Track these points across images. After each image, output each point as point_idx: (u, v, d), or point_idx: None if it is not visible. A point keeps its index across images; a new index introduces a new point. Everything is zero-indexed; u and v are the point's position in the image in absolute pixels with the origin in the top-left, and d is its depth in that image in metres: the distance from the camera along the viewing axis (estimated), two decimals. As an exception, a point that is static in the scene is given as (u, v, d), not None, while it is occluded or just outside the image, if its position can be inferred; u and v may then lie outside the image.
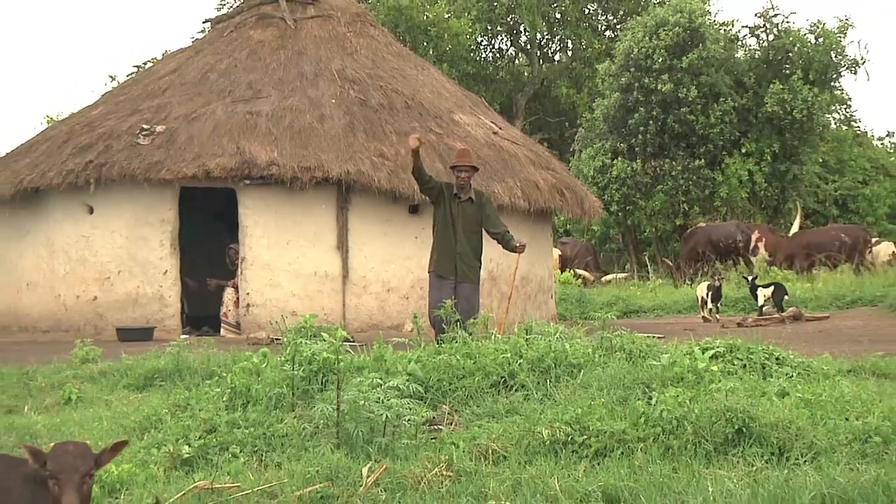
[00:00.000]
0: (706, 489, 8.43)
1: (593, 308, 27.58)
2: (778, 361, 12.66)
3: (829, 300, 28.76)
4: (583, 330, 14.35)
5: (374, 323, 22.80)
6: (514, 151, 26.10)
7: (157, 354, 16.24)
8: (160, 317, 23.41)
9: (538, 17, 55.36)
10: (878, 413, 10.07)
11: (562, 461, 9.48)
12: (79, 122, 25.71)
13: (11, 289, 25.50)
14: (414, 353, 12.32)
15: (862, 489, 8.19)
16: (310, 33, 26.94)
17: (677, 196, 43.50)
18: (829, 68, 44.02)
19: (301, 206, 23.37)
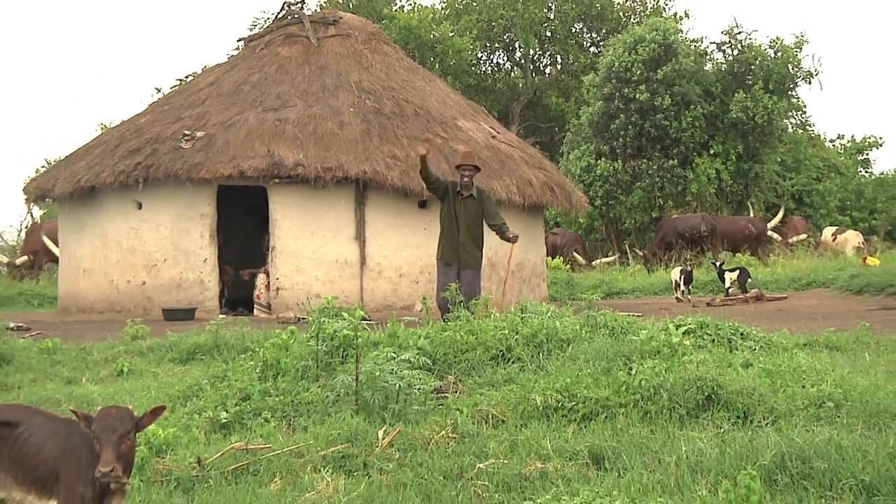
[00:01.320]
0: (680, 448, 8.42)
1: (580, 290, 27.57)
2: (742, 336, 12.65)
3: (787, 282, 28.74)
4: (571, 309, 14.32)
5: (387, 304, 22.78)
6: (510, 153, 26.10)
7: (198, 332, 16.25)
8: (201, 299, 23.45)
9: (531, 35, 55.36)
10: (831, 381, 10.07)
11: (553, 424, 9.48)
12: (129, 129, 25.72)
13: (71, 275, 25.56)
14: (423, 331, 12.32)
15: (817, 448, 8.17)
16: (331, 50, 26.92)
17: (653, 192, 43.59)
18: (787, 79, 44.05)
19: (323, 202, 23.38)
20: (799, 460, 8.12)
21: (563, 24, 56.23)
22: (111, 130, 28.38)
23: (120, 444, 5.52)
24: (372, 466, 8.53)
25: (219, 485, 8.02)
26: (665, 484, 7.86)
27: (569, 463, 8.59)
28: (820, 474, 7.96)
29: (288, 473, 8.21)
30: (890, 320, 18.20)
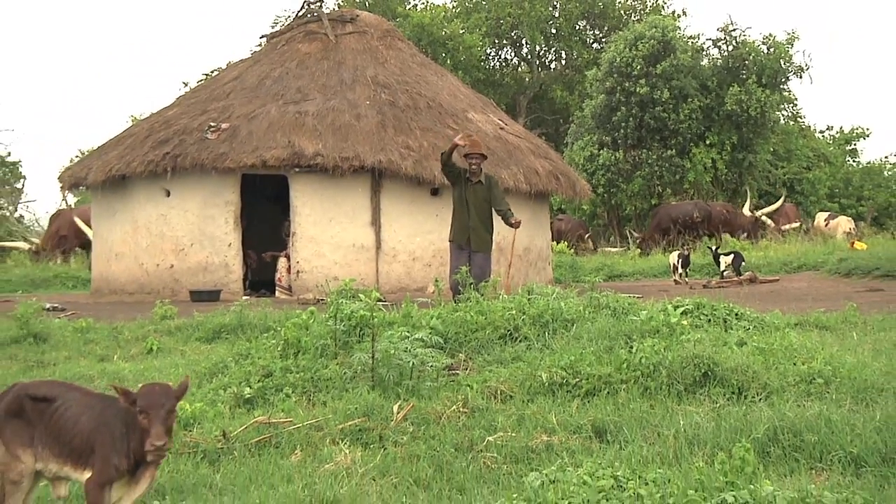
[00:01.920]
0: (678, 422, 8.41)
1: (583, 273, 27.55)
2: (737, 316, 12.63)
3: (778, 265, 28.70)
4: (575, 291, 14.31)
5: (401, 286, 22.79)
6: (518, 144, 26.09)
7: (223, 312, 16.26)
8: (225, 281, 23.48)
9: (537, 32, 55.35)
10: (821, 359, 10.06)
11: (558, 400, 9.48)
12: (157, 121, 25.75)
13: (103, 259, 25.60)
14: (435, 311, 12.33)
15: (807, 422, 8.17)
16: (348, 46, 26.90)
17: (653, 180, 43.58)
18: (779, 73, 43.98)
19: (341, 190, 23.39)
20: (790, 433, 8.11)
21: (567, 22, 56.19)
22: (141, 122, 28.40)
23: (167, 419, 5.56)
24: (387, 439, 8.55)
25: (243, 456, 8.03)
26: (664, 456, 7.86)
27: (573, 436, 8.60)
28: (810, 447, 7.96)
29: (308, 446, 8.22)
30: (876, 301, 18.18)
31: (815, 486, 6.91)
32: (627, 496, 6.63)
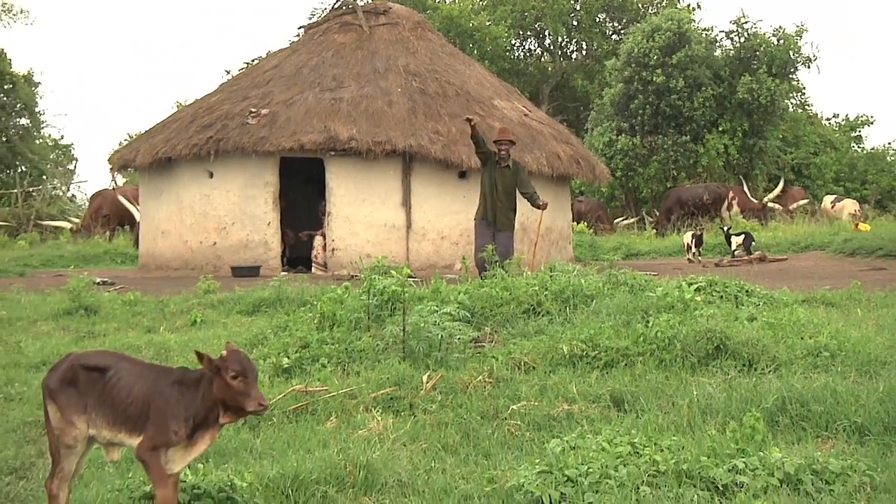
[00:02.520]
0: (691, 393, 8.41)
1: (602, 252, 27.52)
2: (747, 293, 12.62)
3: (787, 245, 28.59)
4: (594, 269, 14.31)
5: (430, 263, 22.80)
6: (541, 129, 26.05)
7: (262, 287, 16.32)
8: (265, 258, 23.52)
9: (559, 24, 55.24)
10: (827, 333, 10.04)
11: (578, 371, 9.50)
12: (201, 106, 25.80)
13: (150, 237, 25.70)
14: (462, 287, 12.35)
15: (814, 393, 8.16)
16: (381, 37, 26.88)
17: (668, 164, 43.50)
18: (788, 64, 43.81)
19: (374, 172, 23.40)
20: (798, 404, 8.10)
21: (588, 14, 56.05)
22: (186, 108, 28.48)
23: (256, 380, 5.65)
24: (417, 407, 8.57)
25: (281, 423, 8.06)
26: (678, 424, 7.85)
27: (592, 405, 8.60)
28: (817, 416, 7.95)
29: (342, 413, 8.25)
30: (879, 279, 18.11)
31: (822, 454, 6.90)
32: (643, 462, 6.63)
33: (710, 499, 6.11)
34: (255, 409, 5.63)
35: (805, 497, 6.17)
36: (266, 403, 5.70)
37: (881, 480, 6.54)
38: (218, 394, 5.66)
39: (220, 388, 5.64)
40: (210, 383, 5.69)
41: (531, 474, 6.62)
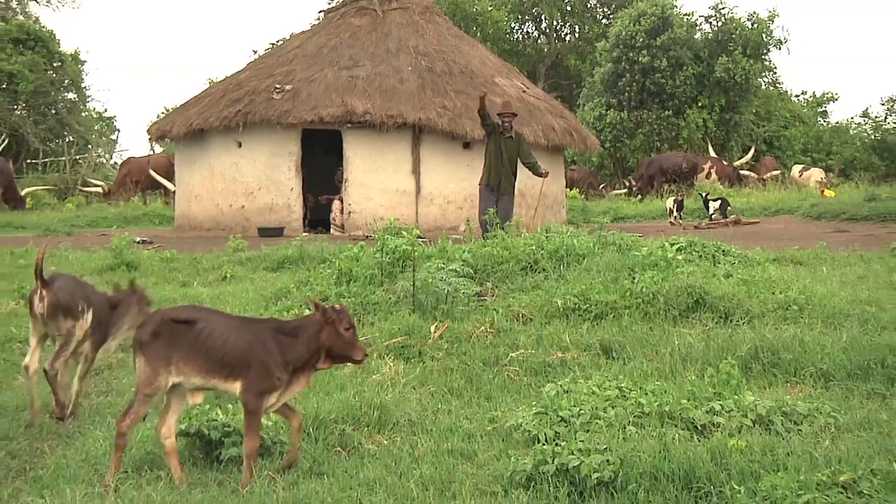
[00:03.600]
0: (673, 342, 8.44)
1: (593, 215, 27.50)
2: (724, 253, 12.63)
3: (759, 210, 28.56)
4: (586, 230, 14.30)
5: (437, 225, 22.77)
6: (537, 105, 25.98)
7: (286, 246, 16.32)
8: (288, 220, 23.52)
9: (554, 9, 55.08)
10: (795, 289, 10.07)
11: (571, 322, 9.52)
12: (231, 83, 25.74)
13: (185, 200, 25.70)
14: (466, 246, 12.36)
15: (784, 342, 8.18)
16: (393, 20, 26.75)
17: (652, 137, 43.47)
18: (761, 46, 43.68)
19: (387, 143, 23.37)
20: (769, 352, 8.12)
21: (580, 0, 55.88)
22: (217, 84, 28.42)
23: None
24: (425, 355, 8.61)
25: (303, 367, 8.05)
26: (661, 370, 7.87)
27: (584, 353, 8.63)
28: (786, 364, 7.98)
29: (358, 359, 8.24)
30: (842, 241, 18.09)
31: (790, 397, 6.91)
32: (630, 404, 6.64)
33: (689, 437, 6.11)
34: (361, 358, 5.92)
35: (775, 436, 6.17)
36: (366, 354, 5.99)
37: (844, 421, 6.55)
38: (326, 342, 5.81)
39: (329, 338, 5.79)
40: (316, 333, 5.81)
41: (528, 415, 6.63)
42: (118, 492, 5.64)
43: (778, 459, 5.66)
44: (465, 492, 5.54)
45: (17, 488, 6.03)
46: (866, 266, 13.66)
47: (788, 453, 5.76)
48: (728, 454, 5.66)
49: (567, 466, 5.53)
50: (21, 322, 11.35)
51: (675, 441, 5.92)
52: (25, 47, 45.34)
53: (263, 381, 5.73)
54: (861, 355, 7.90)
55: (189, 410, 6.50)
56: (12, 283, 13.91)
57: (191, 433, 6.30)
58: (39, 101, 46.03)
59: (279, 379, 5.78)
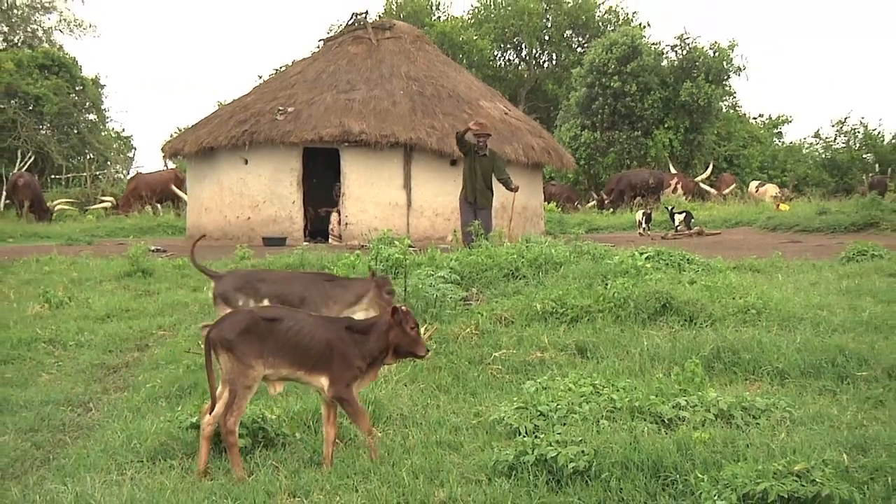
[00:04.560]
0: (642, 343, 8.44)
1: (569, 227, 27.51)
2: (688, 261, 12.65)
3: (720, 222, 28.61)
4: (563, 240, 14.31)
5: (427, 235, 22.77)
6: (518, 125, 26.01)
7: (288, 254, 16.33)
8: (290, 230, 23.50)
9: (534, 38, 55.23)
10: (754, 294, 10.08)
11: (549, 324, 9.52)
12: (238, 105, 25.75)
13: (196, 212, 25.69)
14: (453, 255, 12.36)
15: (743, 343, 8.20)
16: (387, 48, 26.76)
17: (623, 155, 43.56)
18: (722, 72, 43.81)
19: (381, 160, 23.38)
20: (730, 352, 8.14)
21: (557, 31, 55.95)
22: (225, 106, 28.39)
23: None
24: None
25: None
26: (632, 369, 7.88)
27: (561, 353, 8.63)
28: (745, 362, 8.00)
29: (354, 358, 8.23)
30: (796, 250, 18.13)
31: (749, 393, 6.93)
32: (603, 400, 6.65)
33: (657, 430, 6.13)
34: (424, 354, 6.04)
35: (736, 429, 6.19)
36: (429, 350, 6.23)
37: (798, 415, 6.58)
38: (394, 340, 5.94)
39: (397, 336, 5.93)
40: (385, 331, 5.95)
41: (510, 409, 6.64)
42: (133, 480, 5.64)
43: (738, 450, 5.68)
44: (451, 480, 5.55)
45: (41, 476, 6.04)
46: (818, 273, 13.69)
47: (748, 445, 5.78)
48: (692, 446, 5.68)
49: (545, 457, 5.55)
50: (46, 324, 11.33)
51: (644, 434, 5.94)
52: (50, 72, 45.37)
53: (347, 373, 5.86)
54: (813, 355, 7.93)
55: (200, 405, 6.50)
56: (38, 288, 13.91)
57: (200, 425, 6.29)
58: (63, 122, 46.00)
59: (360, 369, 5.93)
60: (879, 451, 5.68)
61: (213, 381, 5.84)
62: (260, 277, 8.49)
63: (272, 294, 8.15)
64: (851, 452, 5.70)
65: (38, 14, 53.69)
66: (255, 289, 8.19)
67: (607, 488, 5.34)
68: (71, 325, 11.34)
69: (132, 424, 7.06)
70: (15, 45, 51.81)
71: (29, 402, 8.08)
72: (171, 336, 10.88)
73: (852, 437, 5.99)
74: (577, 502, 5.20)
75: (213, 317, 11.40)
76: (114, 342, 10.66)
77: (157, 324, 11.59)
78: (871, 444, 5.84)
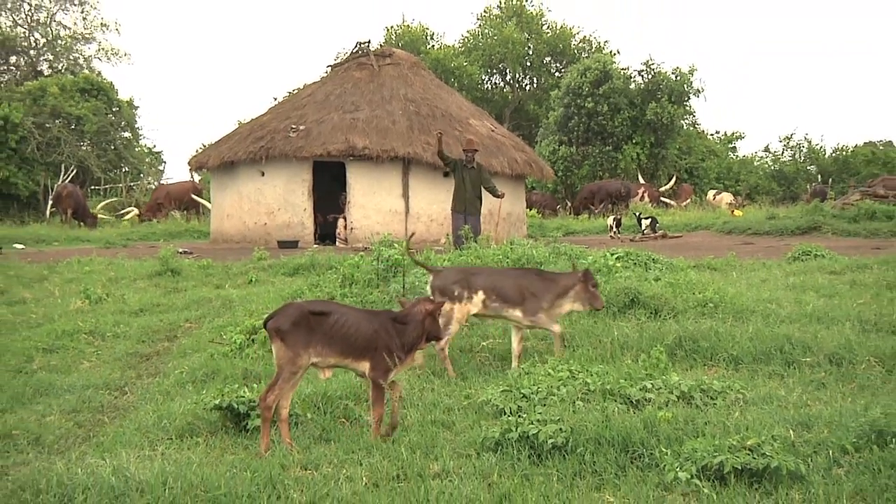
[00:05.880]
0: (613, 333, 8.45)
1: (548, 230, 27.50)
2: (654, 261, 12.64)
3: (682, 226, 28.61)
4: (543, 243, 14.31)
5: (423, 239, 22.71)
6: (503, 141, 25.99)
7: (300, 256, 16.29)
8: (302, 234, 23.46)
9: (517, 64, 55.25)
10: (711, 290, 10.10)
11: (531, 317, 9.47)
12: (255, 124, 25.72)
13: (218, 218, 25.63)
14: (446, 256, 12.34)
15: (702, 333, 8.22)
16: (387, 73, 26.73)
17: (596, 167, 43.51)
18: (683, 94, 43.74)
19: (382, 172, 23.36)
20: (691, 341, 8.15)
21: (538, 58, 55.93)
22: (244, 125, 28.34)
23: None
24: (413, 343, 8.56)
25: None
26: (603, 356, 7.89)
27: (541, 342, 8.64)
28: (704, 350, 8.01)
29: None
30: (748, 251, 18.17)
31: (707, 377, 6.95)
32: (578, 383, 6.66)
33: (626, 410, 6.15)
34: (444, 336, 6.46)
35: (696, 409, 6.21)
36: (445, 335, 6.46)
37: (750, 396, 6.60)
38: (428, 327, 6.12)
39: (430, 325, 6.13)
40: (422, 321, 6.11)
41: (496, 392, 6.65)
42: (163, 454, 5.64)
43: (697, 427, 5.70)
44: (445, 455, 5.56)
45: (83, 451, 6.06)
46: (768, 271, 13.73)
47: (706, 423, 5.79)
48: (657, 423, 5.69)
49: (528, 434, 5.57)
50: (86, 317, 11.32)
51: (614, 413, 5.95)
52: (90, 95, 45.34)
53: (387, 362, 5.92)
54: (764, 343, 7.95)
55: (222, 389, 6.50)
56: (79, 286, 13.92)
57: (223, 407, 6.30)
58: (101, 139, 45.96)
59: (399, 358, 6.00)
60: (822, 428, 5.72)
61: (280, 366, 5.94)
62: (475, 272, 8.37)
63: (486, 286, 8.03)
64: (797, 429, 5.73)
65: (80, 44, 53.89)
66: (470, 282, 8.08)
67: (582, 461, 5.35)
68: (108, 318, 11.35)
69: (162, 406, 7.06)
70: (59, 71, 51.94)
71: (72, 386, 8.10)
72: (196, 328, 10.88)
73: (798, 416, 6.02)
74: (555, 474, 5.21)
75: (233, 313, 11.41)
76: (146, 333, 10.67)
77: (184, 317, 11.60)
78: (815, 421, 5.87)
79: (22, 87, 45.19)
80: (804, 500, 4.76)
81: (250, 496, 4.86)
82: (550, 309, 7.95)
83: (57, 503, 4.74)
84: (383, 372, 5.91)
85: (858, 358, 7.56)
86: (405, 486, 5.04)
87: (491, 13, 56.89)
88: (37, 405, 7.49)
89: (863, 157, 50.20)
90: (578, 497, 4.85)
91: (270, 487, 4.99)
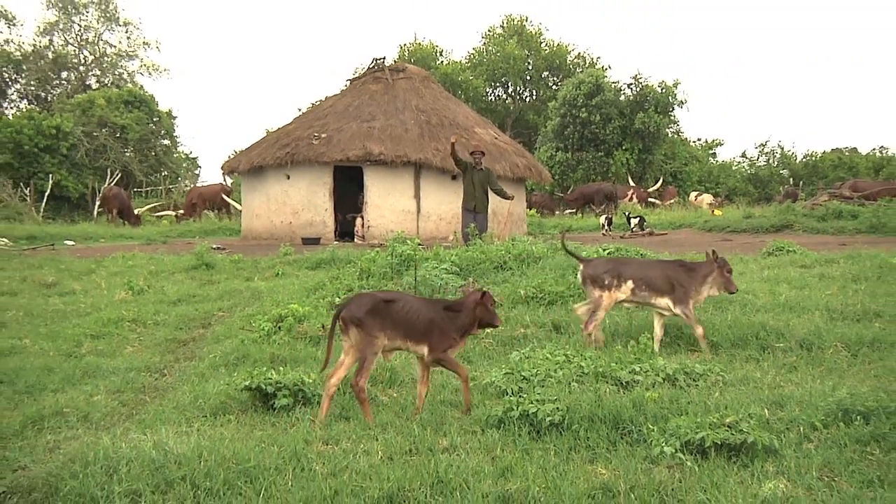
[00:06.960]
0: (605, 321, 8.40)
1: (546, 228, 27.47)
2: (642, 256, 12.59)
3: (667, 224, 28.54)
4: (541, 239, 14.29)
5: (432, 236, 22.74)
6: (506, 148, 25.96)
7: (321, 252, 16.30)
8: (323, 232, 23.46)
9: (518, 78, 55.25)
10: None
11: (530, 307, 9.51)
12: (282, 132, 25.71)
13: (248, 217, 25.65)
14: (454, 251, 12.32)
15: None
16: (400, 86, 26.71)
17: (589, 171, 43.48)
18: (668, 105, 43.68)
19: (396, 176, 23.33)
20: (675, 328, 8.13)
21: (537, 72, 55.91)
22: (272, 133, 28.34)
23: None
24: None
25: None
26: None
27: (540, 329, 8.62)
28: (687, 336, 8.02)
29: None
30: (727, 247, 18.12)
31: (690, 361, 6.93)
32: (573, 366, 6.65)
33: (617, 391, 6.14)
34: (499, 324, 6.29)
35: (679, 389, 6.20)
36: (501, 321, 6.52)
37: (729, 378, 6.58)
38: (480, 314, 6.08)
39: (482, 311, 6.08)
40: (473, 308, 6.10)
41: (499, 375, 6.64)
42: (199, 431, 5.65)
43: (681, 406, 5.69)
44: (453, 431, 5.57)
45: (126, 428, 6.06)
46: (745, 265, 13.67)
47: (689, 402, 5.79)
48: (645, 403, 5.69)
49: (528, 412, 5.57)
50: (129, 307, 11.35)
51: (606, 393, 5.95)
52: (133, 107, 45.50)
53: (445, 343, 5.97)
54: (741, 330, 7.93)
55: (251, 371, 6.51)
56: (123, 279, 13.94)
57: (252, 388, 6.31)
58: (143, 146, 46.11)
59: (455, 340, 6.04)
60: (793, 407, 5.71)
61: (332, 350, 6.02)
62: (624, 262, 8.24)
63: (634, 276, 7.91)
64: (771, 408, 5.72)
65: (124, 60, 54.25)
66: (619, 272, 7.96)
67: (577, 437, 5.36)
68: (149, 307, 11.36)
69: (198, 387, 7.07)
70: (105, 85, 52.23)
71: (116, 369, 8.12)
72: (228, 317, 10.89)
73: (772, 396, 6.01)
74: (553, 448, 5.21)
75: (262, 303, 11.42)
76: (183, 321, 10.68)
77: (218, 307, 11.61)
78: (787, 401, 5.86)
79: (72, 100, 45.37)
80: (777, 471, 4.76)
81: (277, 468, 4.88)
82: (696, 297, 7.85)
83: (103, 474, 4.75)
84: (442, 351, 5.96)
85: (827, 343, 7.54)
86: (417, 460, 5.04)
87: (494, 32, 56.90)
88: (85, 386, 7.51)
89: (830, 163, 50.14)
90: (573, 469, 4.85)
91: (295, 460, 5.00)
